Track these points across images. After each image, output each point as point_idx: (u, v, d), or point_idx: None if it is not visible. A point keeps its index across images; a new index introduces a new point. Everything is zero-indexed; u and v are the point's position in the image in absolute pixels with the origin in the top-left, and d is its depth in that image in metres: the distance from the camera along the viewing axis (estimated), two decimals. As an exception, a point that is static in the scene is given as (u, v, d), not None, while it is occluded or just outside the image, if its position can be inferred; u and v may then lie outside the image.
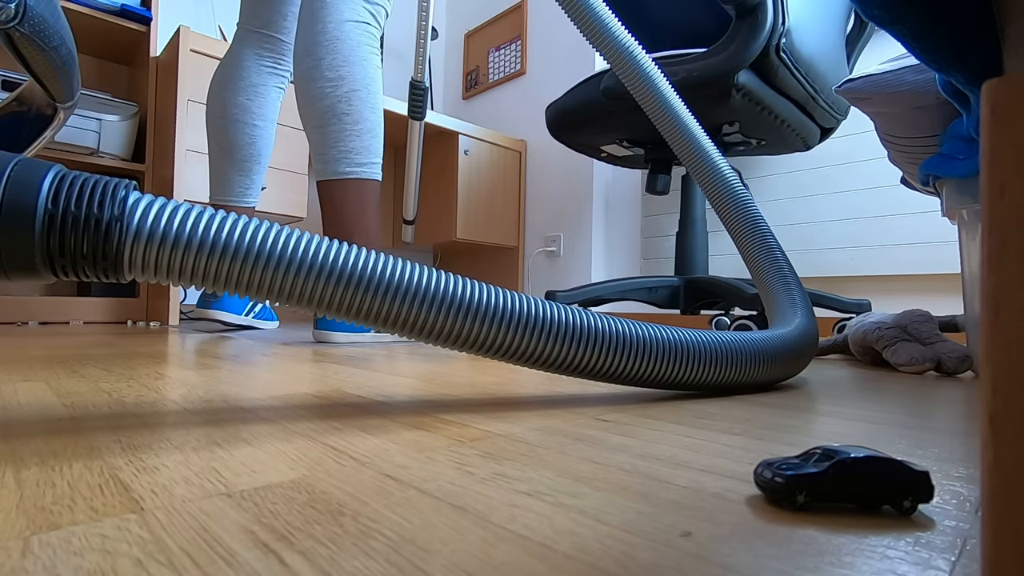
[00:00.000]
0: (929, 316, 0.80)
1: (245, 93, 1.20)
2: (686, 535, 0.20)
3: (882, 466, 0.23)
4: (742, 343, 0.50)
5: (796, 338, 0.58)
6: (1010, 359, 0.12)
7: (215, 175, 1.23)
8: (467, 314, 0.39)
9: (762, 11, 1.00)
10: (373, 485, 0.25)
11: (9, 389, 0.47)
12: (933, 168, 0.68)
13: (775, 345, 0.54)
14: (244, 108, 1.20)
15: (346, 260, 0.36)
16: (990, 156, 0.13)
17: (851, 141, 1.50)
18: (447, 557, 0.18)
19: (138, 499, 0.22)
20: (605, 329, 0.43)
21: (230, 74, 1.20)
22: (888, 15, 0.28)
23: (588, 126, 1.29)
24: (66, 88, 0.81)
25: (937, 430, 0.39)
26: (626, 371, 0.45)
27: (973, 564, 0.19)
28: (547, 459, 0.30)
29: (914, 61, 0.66)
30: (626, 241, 2.10)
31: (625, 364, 0.44)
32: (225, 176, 1.22)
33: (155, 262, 0.32)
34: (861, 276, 1.49)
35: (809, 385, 0.61)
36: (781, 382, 0.59)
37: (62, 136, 1.51)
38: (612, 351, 0.43)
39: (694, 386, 0.49)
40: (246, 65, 1.20)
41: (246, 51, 1.20)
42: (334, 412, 0.41)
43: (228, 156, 1.21)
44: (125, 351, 0.80)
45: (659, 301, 1.31)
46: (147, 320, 1.64)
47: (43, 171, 0.30)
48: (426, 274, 0.38)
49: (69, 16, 1.49)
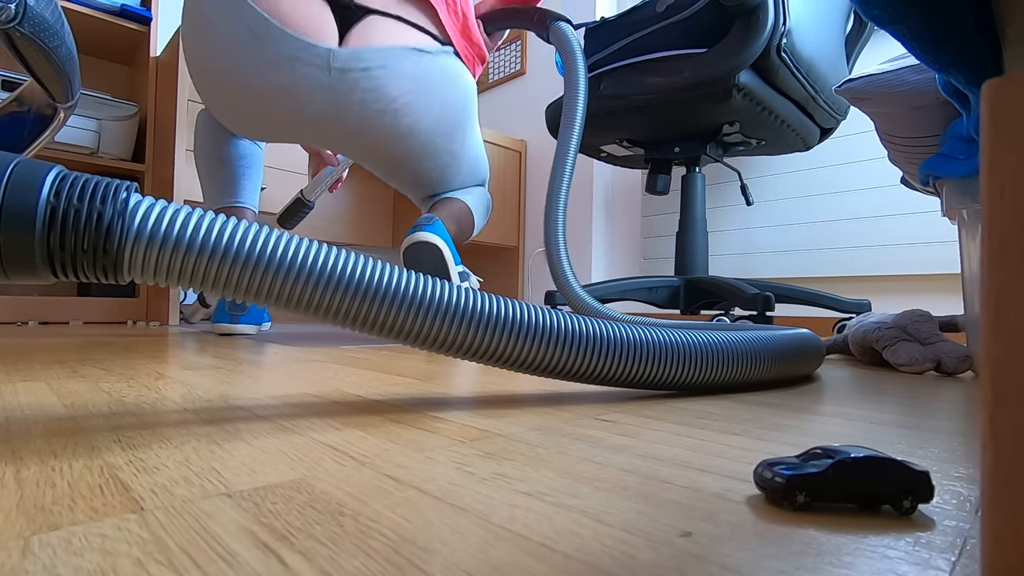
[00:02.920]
0: (929, 316, 0.80)
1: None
2: (686, 535, 0.20)
3: (882, 466, 0.23)
4: (743, 343, 0.50)
5: (800, 339, 0.58)
6: (1010, 359, 0.12)
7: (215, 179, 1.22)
8: (469, 323, 0.39)
9: (763, 11, 1.00)
10: (373, 485, 0.25)
11: (9, 389, 0.47)
12: (933, 168, 0.68)
13: (778, 344, 0.54)
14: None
15: (344, 267, 0.36)
16: (990, 156, 0.13)
17: (851, 141, 1.50)
18: (447, 557, 0.18)
19: (138, 499, 0.22)
20: (601, 334, 0.43)
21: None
22: (888, 15, 0.28)
23: (588, 126, 1.29)
24: (66, 88, 0.81)
25: (937, 430, 0.39)
26: (622, 374, 0.45)
27: (973, 564, 0.19)
28: (547, 459, 0.30)
29: (914, 61, 0.66)
30: (626, 241, 2.10)
31: (620, 367, 0.44)
32: (225, 179, 1.21)
33: (155, 263, 0.32)
34: (861, 276, 1.49)
35: (809, 385, 0.61)
36: (788, 381, 0.60)
37: (62, 136, 1.51)
38: (608, 355, 0.43)
39: (689, 387, 0.49)
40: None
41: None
42: (334, 412, 0.41)
43: (228, 158, 1.20)
44: (125, 351, 0.80)
45: (659, 301, 1.31)
46: (147, 320, 1.64)
47: (44, 172, 0.30)
48: (424, 283, 0.39)
49: (69, 16, 1.49)
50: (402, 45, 0.95)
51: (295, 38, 0.90)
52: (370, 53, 0.93)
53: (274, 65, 0.91)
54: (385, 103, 0.98)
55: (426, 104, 1.01)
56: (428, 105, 1.02)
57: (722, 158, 1.32)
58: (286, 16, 0.89)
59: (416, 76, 0.98)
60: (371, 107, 0.98)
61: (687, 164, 1.37)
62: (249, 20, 0.89)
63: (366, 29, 0.94)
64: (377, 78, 0.95)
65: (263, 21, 0.89)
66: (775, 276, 1.64)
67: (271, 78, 0.92)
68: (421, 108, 1.01)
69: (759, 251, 1.69)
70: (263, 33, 0.89)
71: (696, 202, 1.36)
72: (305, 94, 0.94)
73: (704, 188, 1.37)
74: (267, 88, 0.94)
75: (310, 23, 0.90)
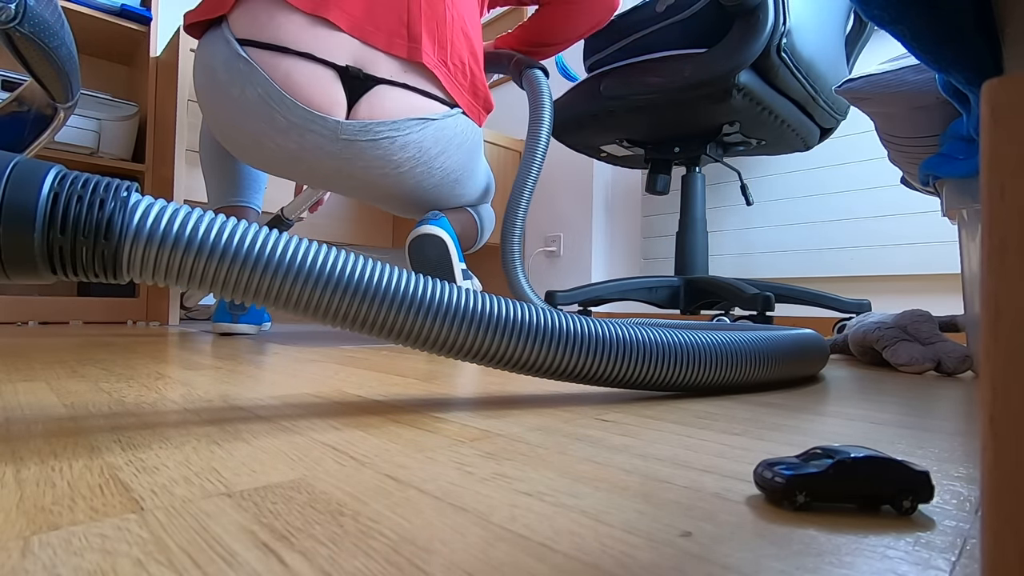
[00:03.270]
0: (929, 316, 0.80)
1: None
2: (686, 535, 0.20)
3: (882, 466, 0.23)
4: (747, 343, 0.50)
5: (804, 339, 0.58)
6: (1010, 359, 0.12)
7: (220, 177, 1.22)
8: (470, 325, 0.39)
9: (763, 11, 1.00)
10: (373, 485, 0.25)
11: (9, 389, 0.47)
12: (933, 168, 0.68)
13: (782, 345, 0.54)
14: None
15: (343, 268, 0.36)
16: (990, 156, 0.13)
17: (851, 141, 1.50)
18: (447, 557, 0.18)
19: (138, 499, 0.22)
20: (605, 335, 0.43)
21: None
22: (888, 15, 0.28)
23: (588, 126, 1.29)
24: (66, 88, 0.81)
25: (937, 430, 0.39)
26: (626, 375, 0.45)
27: (973, 564, 0.19)
28: (547, 459, 0.30)
29: (914, 61, 0.66)
30: (626, 241, 2.10)
31: (624, 368, 0.44)
32: (229, 177, 1.22)
33: (154, 263, 0.32)
34: (861, 276, 1.49)
35: (810, 385, 0.61)
36: (792, 381, 0.60)
37: (62, 136, 1.51)
38: (611, 356, 0.43)
39: (691, 387, 0.49)
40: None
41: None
42: (334, 412, 0.41)
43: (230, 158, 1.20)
44: (125, 351, 0.80)
45: (659, 301, 1.31)
46: (147, 320, 1.64)
47: (43, 171, 0.30)
48: (423, 284, 0.39)
49: (69, 16, 1.49)
50: (407, 117, 0.99)
51: (305, 109, 0.93)
52: (377, 126, 0.97)
53: (284, 132, 0.95)
54: (390, 168, 1.02)
55: (429, 167, 1.06)
56: (431, 168, 1.06)
57: (722, 158, 1.32)
58: (298, 88, 0.92)
59: (420, 143, 1.01)
60: (375, 172, 1.02)
61: (687, 164, 1.37)
62: (261, 88, 0.92)
63: (374, 100, 0.96)
64: (383, 147, 0.99)
65: (275, 91, 0.91)
66: (775, 276, 1.64)
67: (279, 142, 0.96)
68: (425, 171, 1.06)
69: (759, 251, 1.69)
70: (275, 102, 0.92)
71: (696, 202, 1.36)
72: (312, 158, 0.98)
73: (704, 188, 1.37)
74: (275, 149, 0.98)
75: (322, 98, 0.93)
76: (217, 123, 1.01)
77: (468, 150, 1.10)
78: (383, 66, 0.96)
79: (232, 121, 0.97)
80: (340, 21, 0.93)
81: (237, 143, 1.01)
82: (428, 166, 1.05)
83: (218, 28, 0.95)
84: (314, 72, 0.92)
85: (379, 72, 0.96)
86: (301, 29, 0.92)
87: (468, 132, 1.09)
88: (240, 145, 1.01)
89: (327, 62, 0.93)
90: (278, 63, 0.91)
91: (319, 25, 0.92)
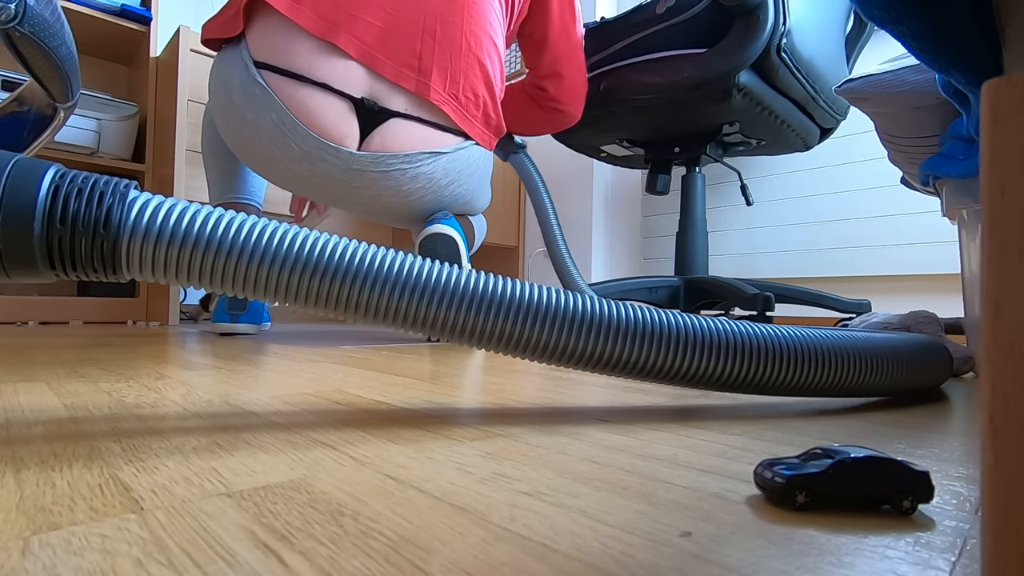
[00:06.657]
0: (934, 317, 0.80)
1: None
2: (686, 535, 0.20)
3: (882, 466, 0.23)
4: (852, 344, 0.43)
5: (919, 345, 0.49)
6: (1010, 359, 0.12)
7: (222, 172, 1.22)
8: (495, 312, 0.37)
9: (763, 11, 1.00)
10: (373, 485, 0.25)
11: (9, 389, 0.47)
12: (933, 168, 0.68)
13: (895, 350, 0.46)
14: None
15: (351, 256, 0.35)
16: (990, 156, 0.13)
17: (851, 141, 1.50)
18: (447, 557, 0.18)
19: (138, 499, 0.22)
20: (682, 328, 0.39)
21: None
22: (888, 15, 0.28)
23: (588, 126, 1.29)
24: (66, 88, 0.81)
25: (937, 430, 0.39)
26: (697, 371, 0.40)
27: (973, 564, 0.19)
28: (547, 459, 0.30)
29: (914, 61, 0.66)
30: (626, 241, 2.10)
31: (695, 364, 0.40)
32: (231, 173, 1.22)
33: (152, 259, 0.31)
34: (861, 276, 1.49)
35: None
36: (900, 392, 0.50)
37: (62, 136, 1.51)
38: (686, 350, 0.39)
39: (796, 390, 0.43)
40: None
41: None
42: (334, 412, 0.41)
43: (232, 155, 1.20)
44: (125, 351, 0.80)
45: (659, 301, 1.31)
46: (147, 320, 1.64)
47: (43, 170, 0.30)
48: (435, 269, 0.37)
49: (69, 16, 1.49)
50: (419, 150, 0.99)
51: (318, 140, 0.93)
52: (389, 158, 0.98)
53: (297, 159, 0.96)
54: (399, 196, 1.04)
55: (439, 195, 1.07)
56: (440, 196, 1.08)
57: (722, 158, 1.32)
58: (313, 118, 0.93)
59: (431, 175, 1.03)
60: (385, 199, 1.04)
61: (687, 164, 1.37)
62: (276, 115, 0.92)
63: (387, 132, 0.97)
64: (394, 178, 1.00)
65: (290, 120, 0.92)
66: (775, 276, 1.64)
67: (291, 167, 0.97)
68: (435, 199, 1.07)
69: (759, 251, 1.69)
70: (289, 130, 0.93)
71: (696, 202, 1.36)
72: (323, 183, 1.00)
73: (704, 188, 1.37)
74: (287, 173, 0.99)
75: (335, 128, 0.94)
76: (230, 138, 1.01)
77: (479, 177, 1.12)
78: (396, 99, 0.97)
79: (246, 141, 0.98)
80: (349, 47, 0.93)
81: (249, 160, 1.02)
82: (438, 194, 1.07)
83: (236, 46, 0.96)
84: (329, 103, 0.93)
85: (393, 105, 0.97)
86: (314, 56, 0.92)
87: (480, 161, 1.10)
88: (251, 161, 1.02)
89: (343, 93, 0.93)
90: (293, 91, 0.92)
91: (330, 52, 0.93)
